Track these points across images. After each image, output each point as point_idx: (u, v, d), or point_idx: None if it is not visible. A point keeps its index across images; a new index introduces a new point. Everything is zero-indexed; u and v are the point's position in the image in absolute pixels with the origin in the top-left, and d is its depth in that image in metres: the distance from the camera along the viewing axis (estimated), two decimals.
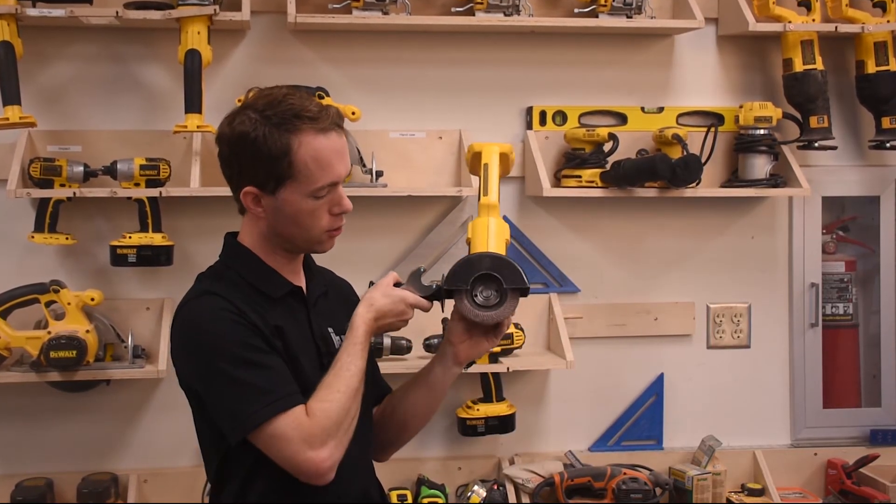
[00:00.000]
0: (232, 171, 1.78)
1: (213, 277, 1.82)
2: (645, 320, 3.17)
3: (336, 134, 1.76)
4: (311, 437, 1.64)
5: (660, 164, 2.88)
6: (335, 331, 1.88)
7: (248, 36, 2.95)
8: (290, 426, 1.64)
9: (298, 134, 1.71)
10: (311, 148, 1.72)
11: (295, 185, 1.73)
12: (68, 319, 2.70)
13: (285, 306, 1.82)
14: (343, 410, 1.67)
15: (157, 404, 2.95)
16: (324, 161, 1.73)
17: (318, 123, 1.72)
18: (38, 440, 2.92)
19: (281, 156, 1.71)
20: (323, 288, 1.93)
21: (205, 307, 1.74)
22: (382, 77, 3.02)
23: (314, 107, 1.74)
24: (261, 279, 1.81)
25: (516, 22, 2.91)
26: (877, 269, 3.35)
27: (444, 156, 3.03)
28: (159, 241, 2.79)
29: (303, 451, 1.64)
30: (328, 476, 1.66)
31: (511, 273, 1.80)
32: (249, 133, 1.72)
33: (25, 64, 2.73)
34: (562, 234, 3.13)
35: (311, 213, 1.76)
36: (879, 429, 3.27)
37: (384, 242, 3.01)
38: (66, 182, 2.75)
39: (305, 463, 1.64)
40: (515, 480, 2.97)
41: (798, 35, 3.05)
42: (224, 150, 1.78)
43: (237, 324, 1.70)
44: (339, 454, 1.67)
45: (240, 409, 1.66)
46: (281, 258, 1.83)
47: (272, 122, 1.71)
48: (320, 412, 1.66)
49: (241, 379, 1.66)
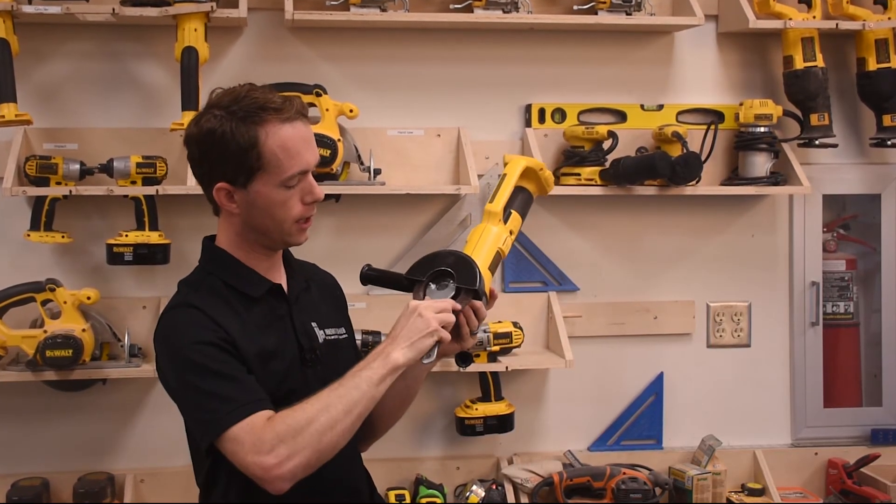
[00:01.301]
0: (202, 169, 1.80)
1: (192, 285, 1.84)
2: (644, 319, 3.16)
3: (301, 123, 1.78)
4: (260, 442, 1.62)
5: (659, 161, 2.87)
6: (318, 325, 1.89)
7: (245, 33, 2.95)
8: (245, 430, 1.64)
9: (264, 125, 1.73)
10: (278, 137, 1.74)
11: (265, 176, 1.74)
12: (64, 318, 2.70)
13: (266, 305, 1.83)
14: (305, 419, 1.63)
15: (154, 404, 2.94)
16: (292, 149, 1.75)
17: (282, 114, 1.75)
18: (33, 440, 2.91)
19: (249, 148, 1.73)
20: (304, 283, 1.94)
21: (179, 320, 1.77)
22: (380, 74, 3.01)
23: (277, 98, 1.77)
24: (240, 280, 1.82)
25: (515, 19, 2.91)
26: (878, 268, 3.34)
27: (442, 153, 3.02)
28: (156, 240, 2.79)
29: (250, 455, 1.62)
30: (277, 484, 1.63)
31: (467, 274, 1.79)
32: (216, 129, 1.74)
33: (21, 61, 2.72)
34: (561, 233, 3.12)
35: (283, 203, 1.77)
36: (880, 428, 3.26)
37: (382, 241, 3.00)
38: (62, 180, 2.75)
39: (252, 467, 1.63)
40: (514, 480, 2.96)
41: (798, 32, 3.04)
42: (193, 151, 1.80)
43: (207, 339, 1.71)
44: (295, 464, 1.62)
45: (205, 417, 1.69)
46: (258, 256, 1.84)
47: (238, 117, 1.73)
48: (279, 418, 1.65)
49: (206, 389, 1.68)
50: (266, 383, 1.74)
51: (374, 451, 2.09)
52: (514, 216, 1.97)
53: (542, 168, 2.05)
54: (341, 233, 2.95)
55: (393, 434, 2.92)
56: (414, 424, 3.05)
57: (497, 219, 1.93)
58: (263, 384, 1.73)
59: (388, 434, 2.10)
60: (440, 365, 2.80)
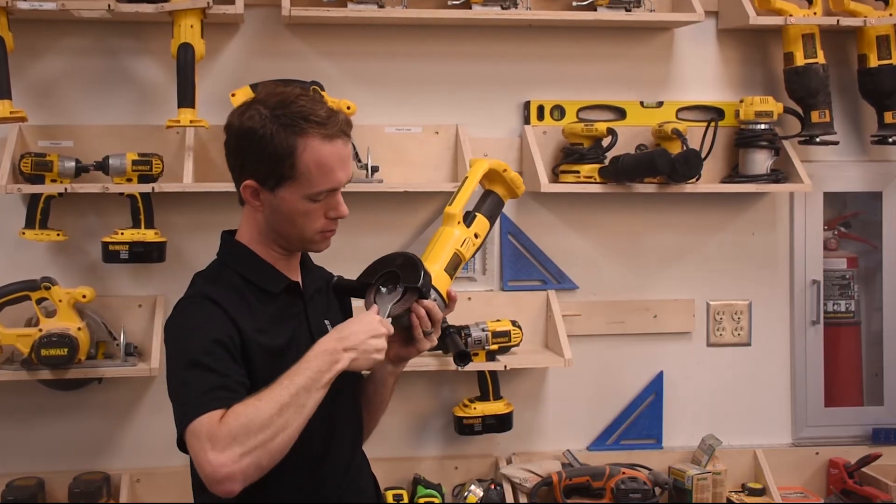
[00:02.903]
0: (235, 162, 1.82)
1: (209, 278, 1.84)
2: (644, 318, 3.15)
3: (342, 142, 1.78)
4: (213, 441, 1.56)
5: (659, 159, 2.86)
6: (332, 323, 1.89)
7: (242, 29, 2.93)
8: (204, 424, 1.58)
9: (305, 137, 1.74)
10: (316, 153, 1.74)
11: (294, 185, 1.76)
12: (59, 317, 2.68)
13: (282, 301, 1.85)
14: (258, 417, 1.57)
15: (150, 403, 2.93)
16: (326, 167, 1.75)
17: (325, 129, 1.75)
18: (28, 439, 2.90)
19: (285, 156, 1.73)
20: (319, 283, 1.96)
21: (187, 311, 1.77)
22: (378, 71, 3.00)
23: (324, 111, 1.76)
24: (258, 276, 1.83)
25: (514, 15, 2.89)
26: (879, 266, 3.33)
27: (440, 151, 3.01)
28: (152, 238, 2.78)
29: (205, 454, 1.56)
30: (226, 485, 1.56)
31: (411, 274, 1.80)
32: (257, 129, 1.74)
33: (16, 58, 2.71)
34: (560, 231, 3.11)
35: (306, 214, 1.78)
36: (882, 427, 3.25)
37: (379, 239, 2.99)
38: (57, 177, 2.74)
39: (204, 464, 1.56)
40: (513, 480, 2.95)
41: (799, 28, 3.03)
42: (230, 141, 1.81)
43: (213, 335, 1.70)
44: (248, 463, 1.56)
45: (178, 409, 1.67)
46: (277, 254, 1.86)
47: (280, 122, 1.73)
48: (231, 415, 1.58)
49: (186, 381, 1.66)
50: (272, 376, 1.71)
51: (371, 450, 2.08)
52: (479, 219, 1.98)
53: (506, 169, 2.05)
54: (338, 231, 2.91)
55: (390, 433, 2.97)
56: (412, 424, 3.04)
57: (455, 220, 1.95)
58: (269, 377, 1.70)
59: (386, 433, 2.10)
60: (438, 364, 2.82)
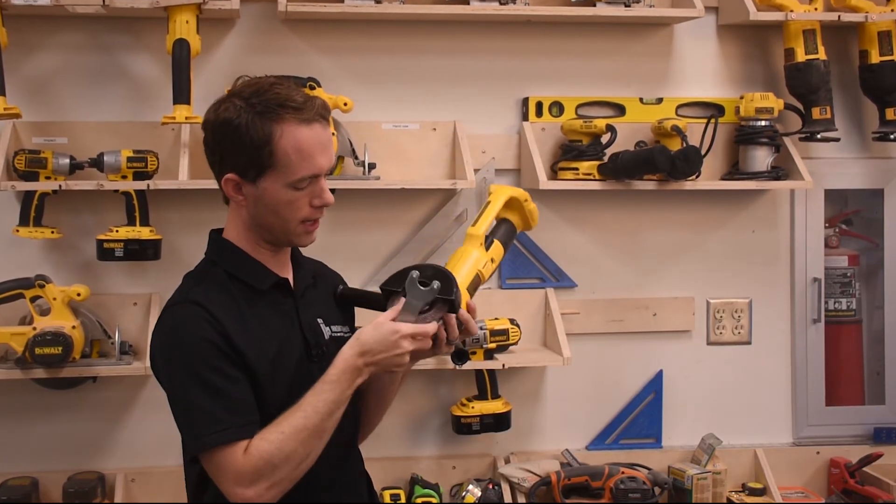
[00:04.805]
0: (215, 157, 1.79)
1: (198, 278, 1.82)
2: (643, 316, 3.13)
3: (320, 126, 1.75)
4: (240, 476, 1.65)
5: (659, 156, 2.86)
6: (324, 321, 1.88)
7: (238, 25, 2.92)
8: (227, 460, 1.66)
9: (281, 123, 1.71)
10: (293, 138, 1.72)
11: (275, 174, 1.73)
12: (54, 315, 2.68)
13: (271, 299, 1.82)
14: (282, 452, 1.65)
15: (145, 402, 2.92)
16: (305, 152, 1.73)
17: (301, 114, 1.72)
18: (22, 438, 2.89)
19: (262, 144, 1.71)
20: (311, 279, 1.93)
21: (181, 318, 1.74)
22: (375, 67, 2.99)
23: (300, 97, 1.74)
24: (246, 272, 1.81)
25: (512, 11, 2.88)
26: (881, 264, 3.32)
27: (438, 148, 3.00)
28: (147, 235, 2.77)
29: (231, 487, 1.66)
30: None
31: (446, 285, 1.78)
32: (233, 120, 1.72)
33: (10, 54, 2.71)
34: (559, 228, 3.09)
35: (289, 203, 1.75)
36: (883, 427, 3.24)
37: (377, 236, 2.99)
38: (51, 175, 2.73)
39: (233, 497, 1.66)
40: (511, 480, 2.94)
41: (800, 24, 3.02)
42: (208, 137, 1.79)
43: (205, 340, 1.69)
44: (274, 493, 1.67)
45: (192, 430, 1.70)
46: (266, 251, 1.83)
47: (256, 110, 1.71)
48: (256, 451, 1.65)
49: (197, 402, 1.68)
50: (270, 379, 1.73)
51: (368, 449, 2.06)
52: (496, 245, 1.97)
53: (528, 199, 2.05)
54: (335, 228, 2.92)
55: (388, 433, 2.95)
56: (409, 423, 3.03)
57: (478, 242, 1.94)
58: (267, 380, 1.72)
59: (383, 433, 2.09)
60: (436, 363, 2.79)
